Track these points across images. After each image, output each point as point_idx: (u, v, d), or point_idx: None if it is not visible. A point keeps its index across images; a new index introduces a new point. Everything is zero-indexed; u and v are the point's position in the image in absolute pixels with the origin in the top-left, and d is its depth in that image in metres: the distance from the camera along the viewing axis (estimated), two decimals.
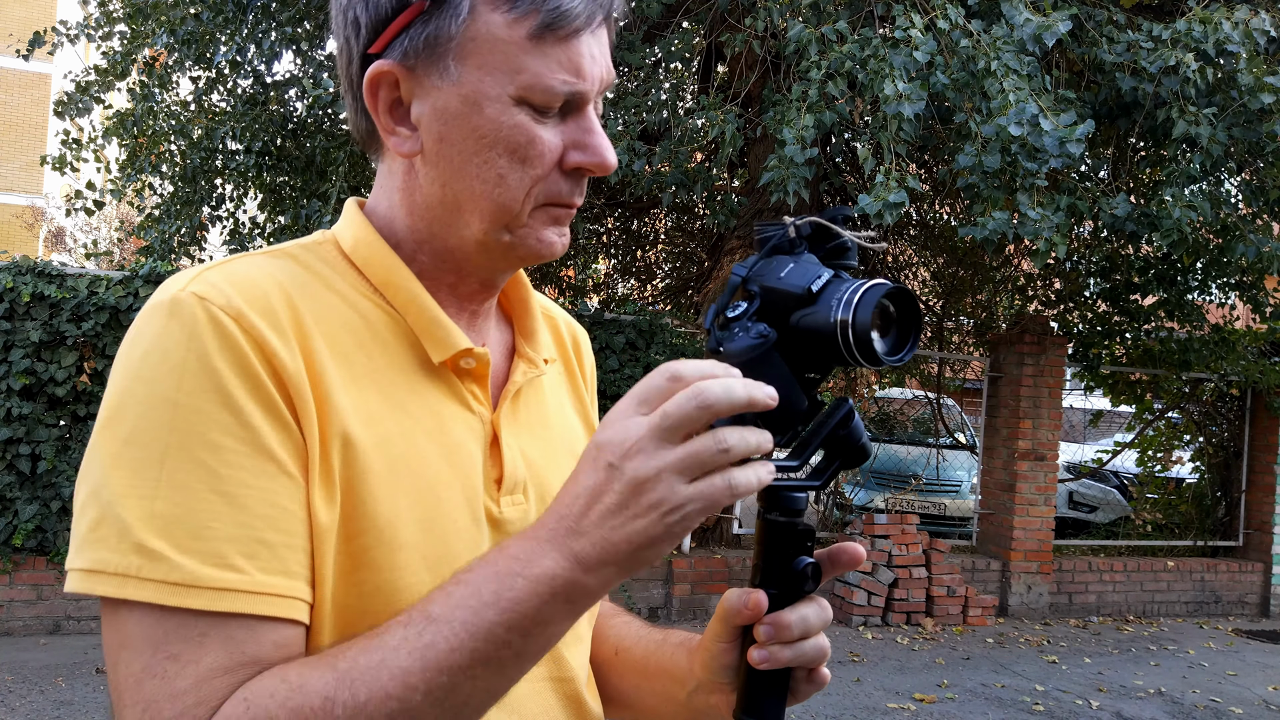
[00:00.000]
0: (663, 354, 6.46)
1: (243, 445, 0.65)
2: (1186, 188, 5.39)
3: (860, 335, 0.69)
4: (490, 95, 0.73)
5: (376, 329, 0.76)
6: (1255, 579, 8.30)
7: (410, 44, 0.73)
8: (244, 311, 0.68)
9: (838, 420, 0.73)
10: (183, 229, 7.80)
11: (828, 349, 0.71)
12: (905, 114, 4.53)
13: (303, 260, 0.78)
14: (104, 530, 0.64)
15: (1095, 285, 8.34)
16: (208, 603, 0.63)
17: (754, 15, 5.31)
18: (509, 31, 0.72)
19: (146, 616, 0.63)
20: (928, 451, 9.45)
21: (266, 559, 0.65)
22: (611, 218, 9.84)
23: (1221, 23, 4.84)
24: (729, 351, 0.71)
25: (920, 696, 5.24)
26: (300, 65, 7.45)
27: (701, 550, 6.91)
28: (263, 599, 0.64)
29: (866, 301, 0.69)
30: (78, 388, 5.44)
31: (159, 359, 0.66)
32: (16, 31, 19.48)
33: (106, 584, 0.63)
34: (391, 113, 0.76)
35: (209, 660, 0.63)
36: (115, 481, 0.64)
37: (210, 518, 0.64)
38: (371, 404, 0.72)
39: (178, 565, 0.62)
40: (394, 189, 0.80)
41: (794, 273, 0.73)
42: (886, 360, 0.70)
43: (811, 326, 0.71)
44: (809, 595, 0.74)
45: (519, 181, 0.75)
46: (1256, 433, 8.53)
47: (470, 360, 0.79)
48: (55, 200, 19.81)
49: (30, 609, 5.39)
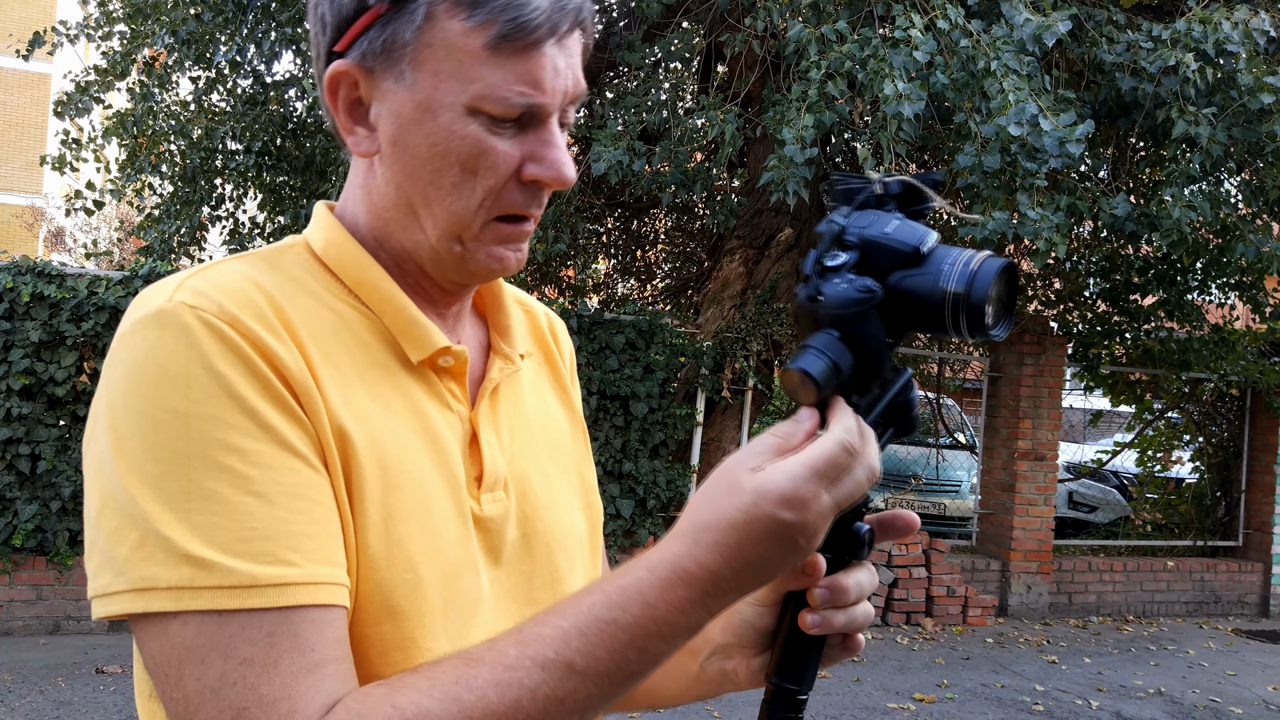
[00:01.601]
0: (662, 354, 6.46)
1: (264, 445, 0.65)
2: (1186, 188, 5.39)
3: (975, 308, 0.67)
4: (444, 103, 0.72)
5: (355, 329, 0.76)
6: (1255, 579, 8.30)
7: (369, 46, 0.73)
8: (238, 316, 0.67)
9: (898, 388, 0.71)
10: (183, 229, 7.80)
11: (929, 315, 0.68)
12: (905, 114, 4.53)
13: (276, 263, 0.77)
14: (149, 549, 0.62)
15: (1095, 285, 8.34)
16: (270, 600, 0.62)
17: (754, 15, 5.31)
18: (465, 40, 0.71)
19: (206, 625, 0.62)
20: (928, 451, 9.45)
21: (312, 550, 0.65)
22: (611, 218, 9.84)
23: (1221, 23, 4.84)
24: (829, 300, 0.68)
25: (920, 696, 5.24)
26: (300, 65, 7.45)
27: None
28: (321, 588, 0.65)
29: (985, 273, 0.67)
30: (77, 388, 5.44)
31: (157, 372, 0.65)
32: (16, 31, 19.46)
33: (162, 599, 0.62)
34: (351, 112, 0.76)
35: (286, 663, 0.62)
36: (145, 502, 0.63)
37: (250, 519, 0.63)
38: (360, 402, 0.72)
39: (232, 570, 0.62)
40: (356, 186, 0.80)
41: (901, 230, 0.71)
42: (992, 335, 0.69)
43: (915, 290, 0.69)
44: (861, 561, 0.73)
45: (471, 192, 0.74)
46: (1256, 433, 8.53)
47: (448, 358, 0.78)
48: (55, 200, 19.80)
49: (30, 609, 5.39)
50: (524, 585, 0.81)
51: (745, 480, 0.64)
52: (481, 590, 0.77)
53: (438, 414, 0.78)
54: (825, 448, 0.64)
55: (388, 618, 0.70)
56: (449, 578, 0.73)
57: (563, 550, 0.85)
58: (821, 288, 0.69)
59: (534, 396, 0.91)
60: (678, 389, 6.72)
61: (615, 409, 6.43)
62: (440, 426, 0.77)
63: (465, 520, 0.76)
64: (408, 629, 0.70)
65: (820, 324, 0.69)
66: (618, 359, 6.41)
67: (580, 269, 10.15)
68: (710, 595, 0.64)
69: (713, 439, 7.03)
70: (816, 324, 0.69)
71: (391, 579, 0.70)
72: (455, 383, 0.80)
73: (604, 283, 10.82)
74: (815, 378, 0.67)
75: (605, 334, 6.42)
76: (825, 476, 0.63)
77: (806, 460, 0.63)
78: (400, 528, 0.71)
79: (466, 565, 0.75)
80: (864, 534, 0.71)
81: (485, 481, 0.79)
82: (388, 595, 0.69)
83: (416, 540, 0.71)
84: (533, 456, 0.85)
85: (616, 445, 6.43)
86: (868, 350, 0.69)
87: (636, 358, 6.47)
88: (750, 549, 0.63)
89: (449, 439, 0.77)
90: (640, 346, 6.50)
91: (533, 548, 0.82)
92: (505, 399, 0.86)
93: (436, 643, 0.72)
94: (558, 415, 0.94)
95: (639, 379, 6.45)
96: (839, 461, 0.63)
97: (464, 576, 0.75)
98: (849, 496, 0.64)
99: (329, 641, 0.65)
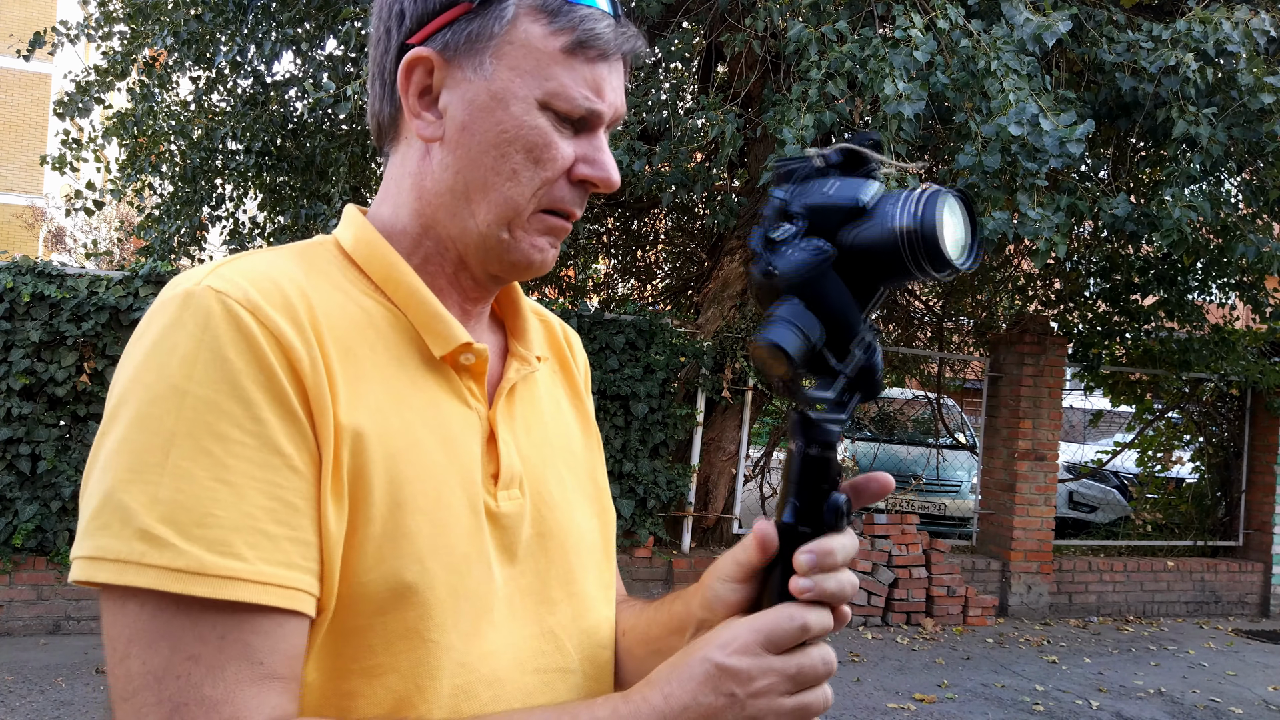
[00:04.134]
0: (662, 354, 6.46)
1: (250, 438, 0.66)
2: (1186, 188, 5.39)
3: (930, 239, 0.66)
4: (518, 95, 0.78)
5: (378, 324, 0.78)
6: (1255, 579, 8.30)
7: (452, 37, 0.79)
8: (260, 305, 0.69)
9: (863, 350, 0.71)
10: (183, 229, 7.80)
11: (888, 261, 0.67)
12: (905, 114, 4.53)
13: (307, 257, 0.79)
14: (106, 517, 0.64)
15: (1095, 285, 8.33)
16: (211, 590, 0.63)
17: (754, 15, 5.31)
18: (545, 42, 0.78)
19: (157, 608, 0.63)
20: (928, 451, 9.46)
21: (268, 549, 0.65)
22: (611, 218, 9.84)
23: (1221, 23, 4.84)
24: (784, 270, 0.68)
25: (920, 696, 5.24)
26: (300, 65, 7.44)
27: (701, 550, 6.91)
28: (266, 589, 0.65)
29: (931, 203, 0.66)
30: (78, 388, 5.44)
31: (169, 349, 0.66)
32: (16, 31, 19.48)
33: (108, 570, 0.63)
34: (420, 97, 0.81)
35: (233, 670, 0.63)
36: (119, 467, 0.64)
37: (215, 505, 0.64)
38: (376, 397, 0.74)
39: (182, 551, 0.63)
40: (405, 176, 0.83)
41: (841, 188, 0.70)
42: (957, 265, 0.67)
43: (868, 239, 0.68)
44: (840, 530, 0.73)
45: (529, 180, 0.79)
46: (1256, 433, 8.53)
47: (469, 356, 0.80)
48: (55, 200, 19.81)
49: (30, 609, 5.39)
50: (539, 584, 0.82)
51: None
52: (495, 586, 0.78)
53: (456, 411, 0.79)
54: (775, 619, 0.68)
55: (394, 608, 0.70)
56: (458, 570, 0.74)
57: (576, 551, 0.87)
58: (773, 260, 0.69)
59: (549, 400, 0.93)
60: (678, 389, 6.72)
61: (615, 409, 6.43)
62: (457, 423, 0.79)
63: (477, 515, 0.77)
64: (413, 620, 0.71)
65: (779, 295, 0.68)
66: (618, 359, 6.41)
67: (580, 269, 10.15)
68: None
69: (713, 439, 7.02)
70: (775, 295, 0.69)
71: (398, 570, 0.71)
72: (474, 381, 0.82)
73: (604, 283, 10.82)
74: (786, 350, 0.66)
75: (605, 334, 6.42)
76: (768, 639, 0.68)
77: (751, 623, 0.69)
78: (408, 520, 0.72)
79: (477, 559, 0.76)
80: (841, 504, 0.71)
81: (502, 479, 0.80)
82: (394, 586, 0.70)
83: (424, 532, 0.72)
84: (547, 458, 0.87)
85: (617, 445, 6.43)
86: (835, 312, 0.68)
87: (637, 358, 6.47)
88: (680, 689, 0.68)
89: (465, 435, 0.79)
90: (640, 346, 6.50)
91: (547, 547, 0.84)
92: (521, 400, 0.88)
93: (445, 635, 0.73)
94: (571, 420, 0.96)
95: (639, 379, 6.45)
96: (786, 632, 0.68)
97: (474, 570, 0.76)
98: (806, 678, 0.69)
99: (280, 657, 0.65)
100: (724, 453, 7.08)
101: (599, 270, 10.80)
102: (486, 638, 0.76)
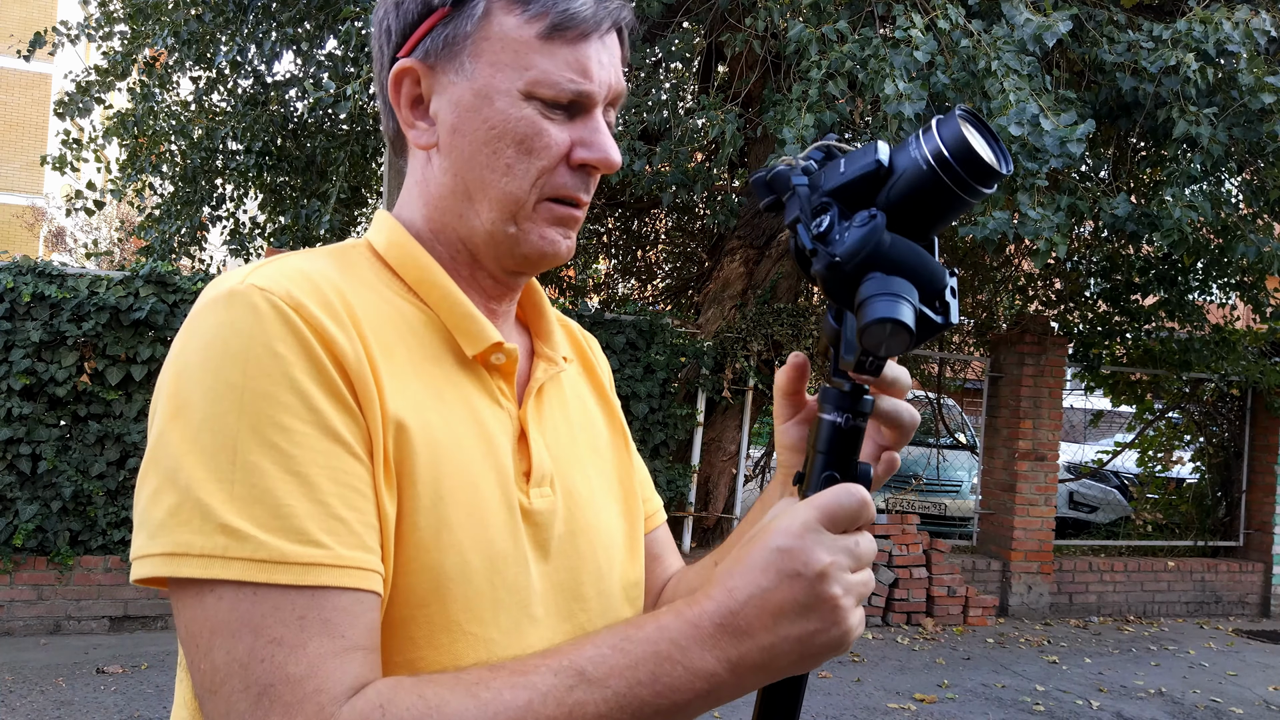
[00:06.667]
0: (663, 354, 6.46)
1: (310, 428, 0.67)
2: (1187, 188, 5.39)
3: (965, 153, 0.65)
4: (501, 89, 0.78)
5: (413, 325, 0.79)
6: (1255, 579, 8.29)
7: (432, 44, 0.80)
8: (304, 302, 0.70)
9: (954, 296, 0.71)
10: (183, 229, 7.81)
11: (935, 197, 0.67)
12: (905, 114, 4.53)
13: (343, 260, 0.81)
14: (185, 514, 0.65)
15: (1095, 285, 8.34)
16: (296, 577, 0.64)
17: (754, 15, 5.31)
18: (520, 31, 0.78)
19: (239, 598, 0.64)
20: (928, 451, 9.45)
21: (344, 535, 0.67)
22: (612, 218, 9.85)
23: (1222, 23, 4.84)
24: (848, 253, 0.66)
25: (921, 696, 5.24)
26: (300, 65, 7.44)
27: (702, 550, 6.91)
28: (348, 572, 0.66)
29: (949, 126, 0.66)
30: (78, 388, 5.43)
31: (222, 348, 0.68)
32: (17, 32, 19.49)
33: (193, 565, 0.64)
34: (412, 108, 0.83)
35: (315, 645, 0.64)
36: (191, 468, 0.65)
37: (287, 496, 0.65)
38: (415, 392, 0.75)
39: (264, 543, 0.64)
40: (414, 184, 0.85)
41: (850, 161, 0.70)
42: (999, 170, 0.66)
43: (907, 186, 0.67)
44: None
45: (525, 172, 0.79)
46: (1257, 433, 8.52)
47: (500, 356, 0.82)
48: (55, 200, 19.81)
49: (30, 609, 5.39)
50: (572, 580, 0.83)
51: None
52: (532, 581, 0.79)
53: (488, 409, 0.81)
54: (838, 496, 0.67)
55: (435, 599, 0.71)
56: (496, 565, 0.75)
57: (605, 549, 0.88)
58: (832, 250, 0.67)
59: (575, 400, 0.95)
60: (678, 389, 6.71)
61: None
62: (490, 421, 0.80)
63: (513, 512, 0.78)
64: (454, 612, 0.72)
65: (857, 278, 0.67)
66: (618, 359, 6.41)
67: (581, 269, 10.15)
68: (725, 631, 0.65)
69: (713, 439, 7.02)
70: (851, 281, 0.67)
71: (440, 561, 0.72)
72: (505, 381, 0.83)
73: (604, 283, 10.83)
74: (901, 319, 0.63)
75: (606, 334, 6.41)
76: (830, 517, 0.66)
77: (811, 501, 0.67)
78: (450, 512, 0.73)
79: (515, 554, 0.77)
80: (870, 472, 0.74)
81: (534, 477, 0.82)
82: (435, 577, 0.71)
83: (465, 525, 0.74)
84: (574, 456, 0.89)
85: None
86: (916, 268, 0.67)
87: (637, 358, 6.47)
88: (743, 578, 0.66)
89: (499, 434, 0.80)
90: (641, 346, 6.50)
91: (578, 544, 0.85)
92: (549, 400, 0.89)
93: (485, 629, 0.74)
94: (598, 419, 0.97)
95: (639, 379, 6.45)
96: (849, 509, 0.67)
97: (511, 565, 0.77)
98: (867, 556, 0.68)
99: (360, 630, 0.66)
100: (724, 453, 7.08)
101: (599, 270, 10.80)
102: (527, 633, 0.77)
